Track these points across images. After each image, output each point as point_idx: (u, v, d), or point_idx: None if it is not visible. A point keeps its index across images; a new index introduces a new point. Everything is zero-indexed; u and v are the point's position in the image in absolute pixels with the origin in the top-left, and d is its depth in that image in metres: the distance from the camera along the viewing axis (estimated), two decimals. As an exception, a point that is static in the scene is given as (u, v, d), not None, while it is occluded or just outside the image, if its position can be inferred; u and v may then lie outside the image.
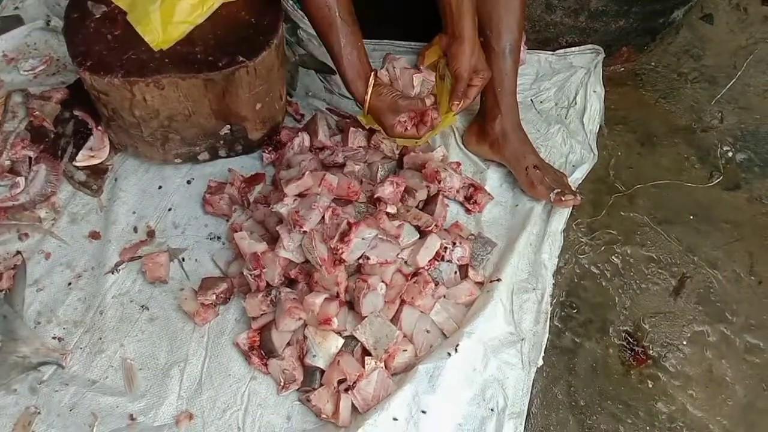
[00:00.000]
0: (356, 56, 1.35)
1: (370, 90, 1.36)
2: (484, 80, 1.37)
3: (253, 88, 1.40)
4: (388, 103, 1.37)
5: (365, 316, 1.27)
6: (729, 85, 1.85)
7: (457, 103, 1.38)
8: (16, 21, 1.78)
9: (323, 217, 1.29)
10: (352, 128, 1.56)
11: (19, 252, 1.41)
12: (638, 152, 1.72)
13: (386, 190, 1.38)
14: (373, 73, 1.38)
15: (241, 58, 1.33)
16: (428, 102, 1.38)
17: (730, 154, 1.73)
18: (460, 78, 1.35)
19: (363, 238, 1.28)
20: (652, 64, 1.92)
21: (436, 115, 1.39)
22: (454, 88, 1.37)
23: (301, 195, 1.35)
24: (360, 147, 1.55)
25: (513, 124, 1.52)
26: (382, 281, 1.30)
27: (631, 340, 1.40)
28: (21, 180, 1.46)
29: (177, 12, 1.34)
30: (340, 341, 1.27)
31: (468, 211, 1.54)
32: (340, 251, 1.26)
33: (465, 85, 1.36)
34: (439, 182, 1.49)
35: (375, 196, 1.38)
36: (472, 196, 1.52)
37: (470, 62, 1.34)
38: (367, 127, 1.56)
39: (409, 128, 1.39)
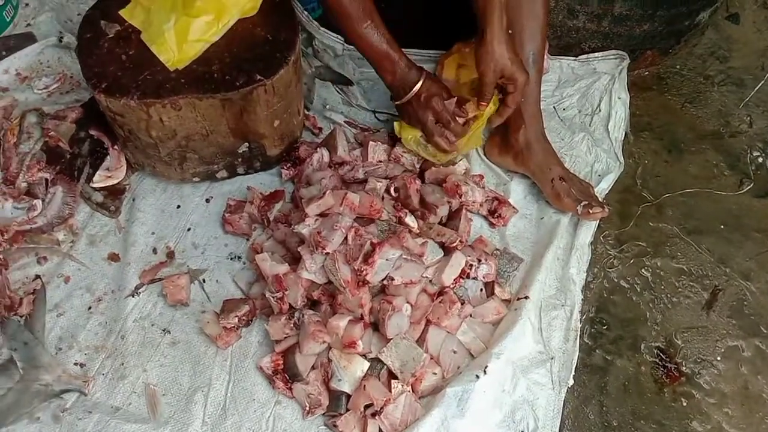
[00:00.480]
0: (397, 47, 1.34)
1: (420, 83, 1.35)
2: (518, 86, 1.32)
3: (271, 105, 1.37)
4: (428, 95, 1.36)
5: (390, 338, 1.24)
6: (757, 87, 1.79)
7: (484, 104, 1.35)
8: (28, 38, 1.76)
9: (346, 238, 1.26)
10: (371, 142, 1.53)
11: (38, 276, 1.39)
12: (665, 160, 1.67)
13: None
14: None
15: (258, 77, 1.30)
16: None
17: (760, 159, 1.68)
18: (483, 80, 1.32)
19: (387, 259, 1.25)
20: (677, 67, 1.87)
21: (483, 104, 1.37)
22: (479, 90, 1.34)
23: (322, 214, 1.32)
24: (380, 161, 1.52)
25: (537, 134, 1.48)
26: (407, 302, 1.27)
27: (663, 357, 1.37)
28: (38, 203, 1.44)
29: (192, 30, 1.31)
30: (366, 365, 1.24)
31: (492, 225, 1.50)
32: (364, 273, 1.23)
33: (491, 88, 1.32)
34: (460, 196, 1.45)
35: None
36: (496, 210, 1.49)
37: (497, 64, 1.29)
38: (398, 135, 1.52)
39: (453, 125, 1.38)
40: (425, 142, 1.45)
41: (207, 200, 1.52)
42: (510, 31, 1.28)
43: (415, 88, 1.36)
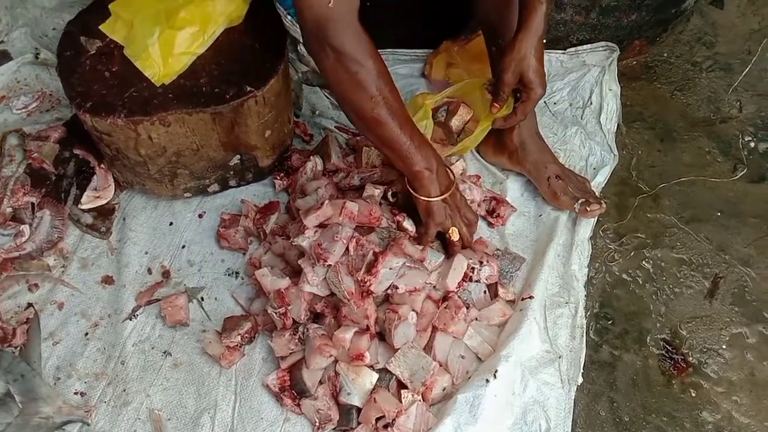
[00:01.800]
0: (424, 143, 1.24)
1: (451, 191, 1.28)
2: (532, 97, 1.28)
3: (262, 116, 1.34)
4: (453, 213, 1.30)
5: (398, 348, 1.22)
6: (745, 71, 1.79)
7: (497, 106, 1.31)
8: (3, 56, 1.71)
9: (347, 249, 1.24)
10: (364, 147, 1.51)
11: (30, 304, 1.36)
12: (659, 149, 1.67)
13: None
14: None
15: (248, 88, 1.27)
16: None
17: (752, 144, 1.68)
18: (503, 78, 1.26)
19: (390, 268, 1.23)
20: (665, 55, 1.86)
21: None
22: (495, 89, 1.30)
23: (321, 225, 1.30)
24: (375, 166, 1.50)
25: (531, 133, 1.47)
26: (413, 310, 1.26)
27: (669, 349, 1.36)
28: (25, 228, 1.40)
29: (177, 43, 1.27)
30: (375, 376, 1.23)
31: (491, 225, 1.49)
32: (368, 283, 1.21)
33: (508, 89, 1.28)
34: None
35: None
36: (494, 210, 1.48)
37: (519, 66, 1.23)
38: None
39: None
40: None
41: (200, 215, 1.49)
42: (543, 42, 1.24)
43: (448, 193, 1.28)
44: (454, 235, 1.31)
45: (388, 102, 1.14)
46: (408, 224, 1.34)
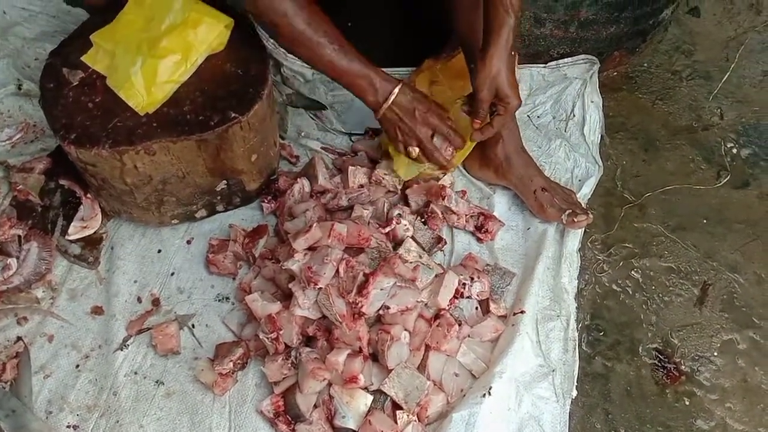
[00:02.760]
0: (357, 56, 1.28)
1: (396, 90, 1.29)
2: (508, 109, 1.28)
3: (247, 141, 1.34)
4: (419, 109, 1.30)
5: (391, 369, 1.22)
6: (724, 79, 1.82)
7: (478, 122, 1.31)
8: (-16, 88, 1.70)
9: (337, 271, 1.24)
10: (351, 167, 1.51)
11: (20, 338, 1.34)
12: (643, 159, 1.68)
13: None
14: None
15: (233, 114, 1.27)
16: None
17: (734, 150, 1.70)
18: (478, 96, 1.27)
19: (381, 288, 1.23)
20: (645, 65, 1.89)
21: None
22: (474, 107, 1.30)
23: (311, 248, 1.30)
24: (362, 186, 1.50)
25: (516, 147, 1.48)
26: (405, 329, 1.26)
27: (662, 358, 1.37)
28: (12, 261, 1.39)
29: (160, 72, 1.27)
30: (369, 398, 1.22)
31: (480, 240, 1.49)
32: (360, 305, 1.21)
33: (485, 105, 1.28)
34: (443, 198, 1.45)
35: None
36: (482, 225, 1.48)
37: (493, 81, 1.24)
38: (380, 155, 1.48)
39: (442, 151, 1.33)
40: (421, 160, 1.39)
41: (188, 242, 1.49)
42: (513, 53, 1.24)
43: (392, 96, 1.29)
44: (411, 154, 1.32)
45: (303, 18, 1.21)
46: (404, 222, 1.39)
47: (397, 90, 1.29)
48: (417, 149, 1.33)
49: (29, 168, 1.48)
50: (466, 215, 1.49)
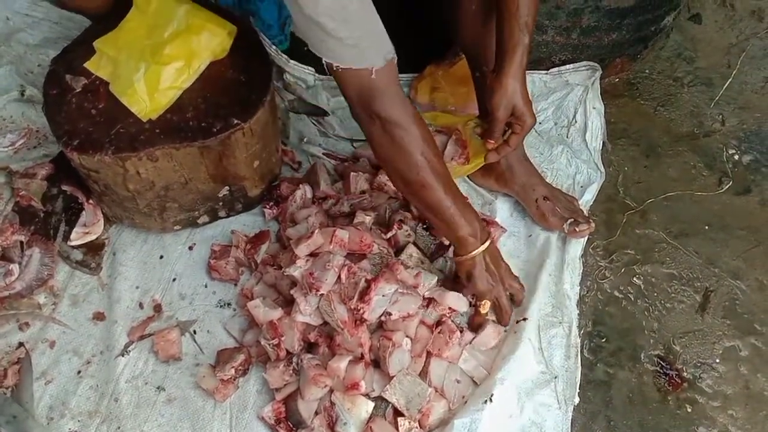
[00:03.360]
0: (469, 208, 1.26)
1: (482, 247, 1.26)
2: (524, 128, 1.27)
3: (250, 147, 1.34)
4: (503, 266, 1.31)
5: (393, 375, 1.22)
6: (726, 85, 1.82)
7: (492, 142, 1.30)
8: (-12, 94, 1.70)
9: (339, 277, 1.24)
10: (352, 173, 1.51)
11: (21, 344, 1.34)
12: (645, 165, 1.68)
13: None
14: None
15: (236, 121, 1.27)
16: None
17: (736, 157, 1.70)
18: (494, 115, 1.24)
19: (383, 295, 1.23)
20: (647, 71, 1.89)
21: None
22: (489, 128, 1.28)
23: (312, 254, 1.30)
24: (363, 192, 1.50)
25: (518, 156, 1.48)
26: (407, 336, 1.26)
27: (664, 365, 1.37)
28: (14, 267, 1.39)
29: (163, 78, 1.28)
30: (371, 405, 1.22)
31: (481, 246, 1.49)
32: (361, 311, 1.21)
33: (501, 125, 1.26)
34: None
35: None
36: (484, 232, 1.48)
37: (510, 101, 1.22)
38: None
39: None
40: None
41: (190, 248, 1.49)
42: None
43: (488, 242, 1.27)
44: (484, 308, 1.30)
45: (433, 166, 1.17)
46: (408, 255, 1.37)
47: (489, 241, 1.28)
48: (489, 304, 1.31)
49: (32, 174, 1.49)
50: None
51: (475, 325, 1.34)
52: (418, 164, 1.15)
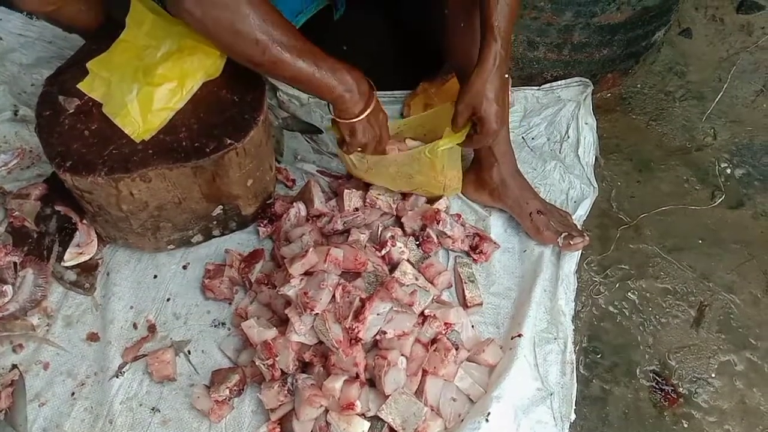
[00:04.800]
0: (331, 62, 1.21)
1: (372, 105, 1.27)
2: (485, 132, 1.28)
3: (243, 167, 1.34)
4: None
5: (389, 395, 1.22)
6: (717, 99, 1.84)
7: (455, 129, 1.32)
8: (-19, 114, 1.70)
9: (334, 296, 1.24)
10: (346, 190, 1.51)
11: (15, 366, 1.33)
12: (637, 180, 1.69)
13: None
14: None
15: (229, 141, 1.27)
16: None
17: (728, 170, 1.71)
18: (456, 107, 1.28)
19: (378, 313, 1.23)
20: (638, 86, 1.90)
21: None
22: (453, 116, 1.31)
23: (307, 273, 1.30)
24: (357, 209, 1.51)
25: (510, 171, 1.49)
26: (402, 354, 1.25)
27: (659, 380, 1.37)
28: (8, 288, 1.38)
29: (156, 99, 1.27)
30: (366, 425, 1.21)
31: (474, 260, 1.49)
32: (356, 330, 1.21)
33: (461, 117, 1.28)
34: (438, 222, 1.45)
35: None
36: (477, 246, 1.49)
37: (472, 99, 1.24)
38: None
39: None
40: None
41: (184, 267, 1.48)
42: (507, 76, 1.25)
43: (370, 109, 1.27)
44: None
45: (280, 40, 1.12)
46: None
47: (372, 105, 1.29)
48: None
49: (25, 194, 1.48)
50: (461, 239, 1.49)
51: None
52: (260, 44, 1.11)
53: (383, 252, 1.39)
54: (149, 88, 1.27)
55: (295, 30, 1.18)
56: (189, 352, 1.37)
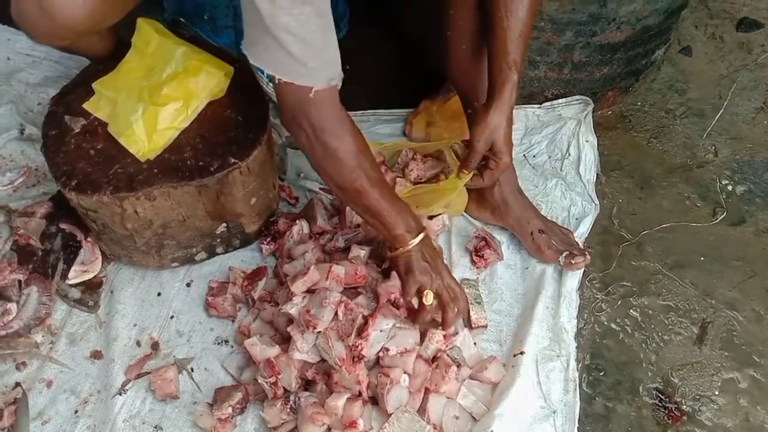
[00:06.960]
0: (404, 208, 1.25)
1: (417, 239, 1.24)
2: (499, 166, 1.31)
3: (247, 185, 1.35)
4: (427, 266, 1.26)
5: (391, 413, 1.22)
6: (717, 116, 1.85)
7: (465, 172, 1.34)
8: (-12, 133, 1.72)
9: (336, 313, 1.24)
10: (348, 207, 1.52)
11: (18, 384, 1.34)
12: (639, 197, 1.70)
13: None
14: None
15: (233, 160, 1.28)
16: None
17: (729, 187, 1.72)
18: (474, 146, 1.29)
19: (381, 330, 1.24)
20: (639, 104, 1.91)
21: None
22: (467, 157, 1.33)
23: (309, 290, 1.30)
24: (358, 225, 1.51)
25: (512, 190, 1.50)
26: (405, 372, 1.25)
27: (662, 398, 1.36)
28: (12, 306, 1.39)
29: (161, 119, 1.29)
30: (369, 443, 1.22)
31: (474, 263, 1.51)
32: (359, 348, 1.21)
33: (478, 157, 1.30)
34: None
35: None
36: (480, 249, 1.50)
37: (491, 134, 1.26)
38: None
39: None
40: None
41: (188, 284, 1.49)
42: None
43: (421, 235, 1.25)
44: (427, 298, 1.26)
45: (368, 173, 1.17)
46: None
47: (424, 233, 1.27)
48: (432, 294, 1.27)
49: (30, 212, 1.49)
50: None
51: (420, 318, 1.30)
52: (353, 173, 1.16)
53: (384, 267, 1.40)
54: (154, 108, 1.28)
55: (378, 166, 1.25)
56: (192, 369, 1.37)
